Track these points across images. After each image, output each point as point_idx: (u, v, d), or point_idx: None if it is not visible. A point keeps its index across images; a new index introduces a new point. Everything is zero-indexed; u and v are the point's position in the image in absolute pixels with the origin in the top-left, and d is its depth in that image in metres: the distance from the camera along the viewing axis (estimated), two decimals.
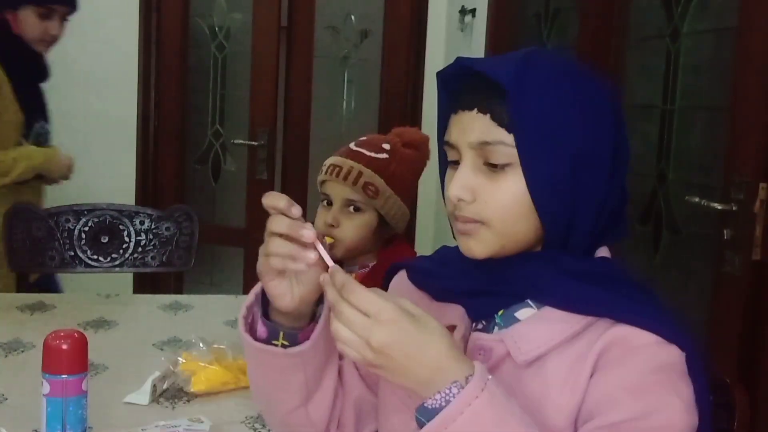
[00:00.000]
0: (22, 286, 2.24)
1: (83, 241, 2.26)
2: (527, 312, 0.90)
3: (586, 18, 2.44)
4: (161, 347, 1.63)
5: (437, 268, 1.00)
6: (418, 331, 0.77)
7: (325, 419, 0.99)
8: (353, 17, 3.63)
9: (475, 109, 0.86)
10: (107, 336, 1.70)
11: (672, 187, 2.04)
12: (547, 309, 0.88)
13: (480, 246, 0.88)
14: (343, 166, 1.61)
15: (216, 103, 3.65)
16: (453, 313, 0.94)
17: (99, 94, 3.28)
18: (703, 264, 1.91)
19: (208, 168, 3.71)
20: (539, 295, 0.89)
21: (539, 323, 0.87)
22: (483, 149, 0.86)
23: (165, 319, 1.84)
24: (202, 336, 1.49)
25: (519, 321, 0.89)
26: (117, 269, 2.30)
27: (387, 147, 1.65)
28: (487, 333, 0.91)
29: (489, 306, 0.92)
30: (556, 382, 0.84)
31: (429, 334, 0.78)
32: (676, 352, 0.83)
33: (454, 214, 0.89)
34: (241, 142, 3.58)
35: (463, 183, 0.87)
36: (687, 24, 2.02)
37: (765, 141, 1.64)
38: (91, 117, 3.05)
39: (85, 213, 2.28)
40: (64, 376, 1.09)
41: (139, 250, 2.29)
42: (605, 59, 2.27)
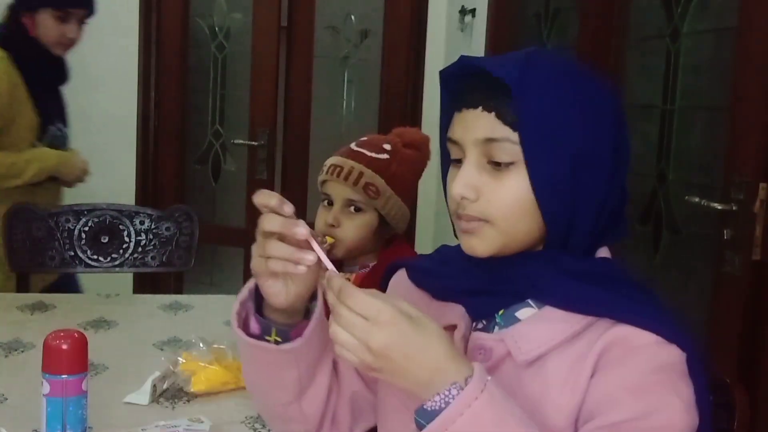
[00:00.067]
0: (31, 287, 2.23)
1: (83, 241, 2.26)
2: (528, 311, 0.89)
3: (586, 18, 2.44)
4: (161, 347, 1.63)
5: (437, 266, 0.99)
6: (416, 333, 0.77)
7: (319, 414, 0.98)
8: (353, 17, 3.63)
9: (480, 107, 0.86)
10: (107, 336, 1.70)
11: (672, 187, 2.04)
12: (548, 309, 0.88)
13: (483, 245, 0.88)
14: (344, 166, 1.61)
15: (216, 103, 3.65)
16: (453, 313, 0.93)
17: (99, 94, 3.28)
18: (703, 264, 1.91)
19: (208, 168, 3.71)
20: (540, 295, 0.89)
21: (540, 323, 0.87)
22: (488, 146, 0.86)
23: (165, 319, 1.85)
24: (202, 336, 1.50)
25: (519, 320, 0.89)
26: (117, 269, 2.30)
27: (388, 147, 1.65)
28: (488, 332, 0.91)
29: (489, 305, 0.92)
30: (556, 382, 0.84)
31: (428, 335, 0.77)
32: (676, 352, 0.83)
33: (456, 212, 0.89)
34: (241, 142, 3.58)
35: (467, 181, 0.87)
36: (687, 24, 2.02)
37: (765, 141, 1.64)
38: (91, 117, 3.05)
39: (85, 213, 2.28)
40: (64, 376, 1.09)
41: (139, 250, 2.29)
42: (605, 59, 2.27)
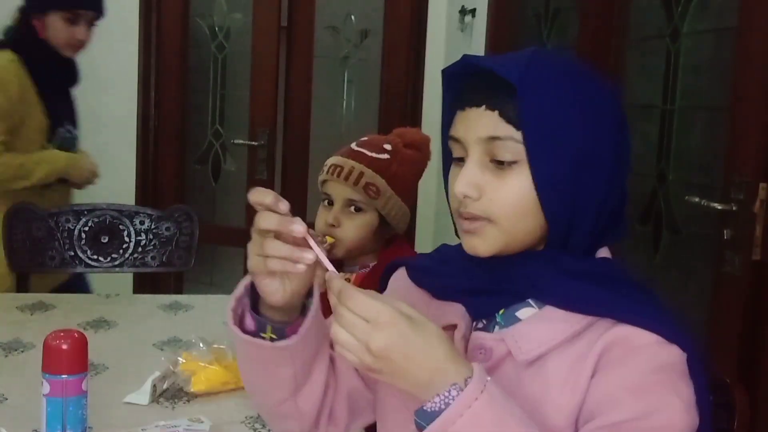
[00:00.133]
0: (31, 287, 2.23)
1: (83, 241, 2.26)
2: (528, 311, 0.89)
3: (586, 18, 2.44)
4: (161, 347, 1.63)
5: (437, 266, 0.99)
6: (416, 334, 0.77)
7: (315, 411, 0.98)
8: (353, 17, 3.63)
9: (483, 106, 0.86)
10: (107, 336, 1.70)
11: (672, 187, 2.04)
12: (548, 308, 0.88)
13: (484, 244, 0.88)
14: (345, 166, 1.61)
15: (216, 103, 3.65)
16: (453, 312, 0.93)
17: (99, 94, 3.27)
18: (703, 264, 1.91)
19: (208, 168, 3.71)
20: (540, 295, 0.89)
21: (540, 323, 0.87)
22: (491, 145, 0.86)
23: (165, 319, 1.84)
24: (202, 336, 1.49)
25: (520, 320, 0.89)
26: (117, 269, 2.30)
27: (388, 147, 1.65)
28: (488, 332, 0.91)
29: (490, 305, 0.92)
30: (556, 381, 0.84)
31: (427, 336, 0.77)
32: (676, 352, 0.83)
33: (458, 211, 0.89)
34: (241, 142, 3.58)
35: (469, 179, 0.86)
36: (687, 24, 2.02)
37: (765, 141, 1.64)
38: (91, 117, 3.04)
39: (85, 213, 2.28)
40: (64, 376, 1.09)
41: (139, 250, 2.29)
42: (605, 59, 2.27)
